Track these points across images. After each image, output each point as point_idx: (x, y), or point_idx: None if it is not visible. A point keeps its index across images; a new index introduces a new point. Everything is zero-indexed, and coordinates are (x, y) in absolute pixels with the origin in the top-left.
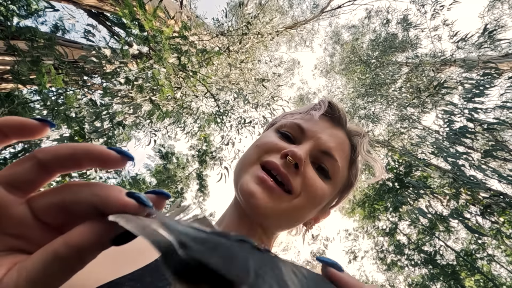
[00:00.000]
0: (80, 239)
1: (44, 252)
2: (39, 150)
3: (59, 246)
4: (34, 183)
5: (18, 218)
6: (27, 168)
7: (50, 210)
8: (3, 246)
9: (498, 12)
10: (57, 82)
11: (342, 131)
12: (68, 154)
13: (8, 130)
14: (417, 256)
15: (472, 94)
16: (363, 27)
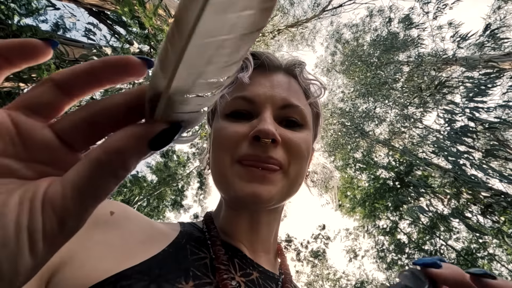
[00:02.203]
0: (118, 143)
1: (86, 162)
2: (55, 72)
3: (100, 153)
4: (54, 106)
5: (43, 142)
6: (44, 91)
7: (77, 127)
8: (34, 172)
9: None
10: None
11: (280, 73)
12: (85, 69)
13: (9, 53)
14: (417, 255)
15: (474, 93)
16: (364, 25)
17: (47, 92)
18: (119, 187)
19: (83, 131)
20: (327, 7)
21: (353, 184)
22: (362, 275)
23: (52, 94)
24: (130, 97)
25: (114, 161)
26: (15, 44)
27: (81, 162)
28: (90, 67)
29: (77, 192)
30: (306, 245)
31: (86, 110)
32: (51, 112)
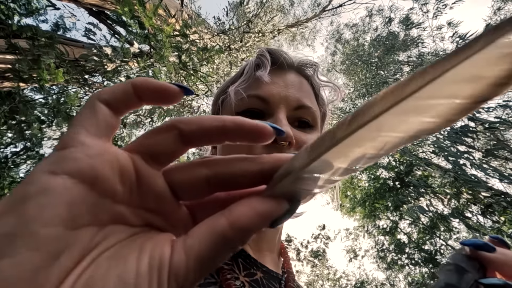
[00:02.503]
0: (245, 222)
1: (211, 233)
2: (180, 120)
3: (226, 228)
4: (173, 155)
5: (157, 192)
6: (168, 139)
7: (196, 184)
8: (140, 220)
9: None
10: (57, 77)
11: (293, 73)
12: (216, 128)
13: (144, 93)
14: (417, 255)
15: None
16: (364, 25)
17: (170, 141)
18: None
19: (200, 188)
20: (327, 7)
21: (353, 184)
22: (362, 275)
23: (174, 143)
24: (267, 168)
25: (239, 237)
26: (154, 86)
27: (203, 232)
28: (223, 127)
29: (200, 265)
30: (306, 245)
31: (210, 169)
32: (168, 161)
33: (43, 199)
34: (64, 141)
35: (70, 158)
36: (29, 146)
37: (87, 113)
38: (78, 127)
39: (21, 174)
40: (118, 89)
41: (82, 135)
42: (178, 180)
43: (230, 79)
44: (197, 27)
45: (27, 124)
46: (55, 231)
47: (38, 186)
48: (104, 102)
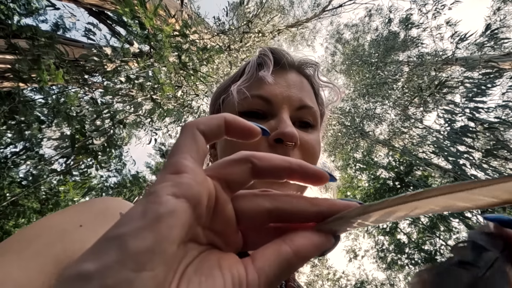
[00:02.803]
0: (307, 250)
1: (279, 259)
2: (253, 155)
3: (291, 255)
4: (242, 185)
5: (226, 217)
6: (243, 171)
7: (259, 214)
8: (206, 240)
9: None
10: (57, 78)
11: (294, 72)
12: (284, 168)
13: (233, 130)
14: (417, 255)
15: (474, 93)
16: (364, 26)
17: (245, 173)
18: (119, 188)
19: (260, 217)
20: (327, 7)
21: (353, 184)
22: (362, 275)
23: (247, 175)
24: (323, 211)
25: (300, 263)
26: (243, 125)
27: (271, 256)
28: (290, 168)
29: (268, 284)
30: None
31: (273, 204)
32: (238, 189)
33: (171, 220)
34: (176, 166)
35: (186, 184)
36: (28, 146)
37: (189, 140)
38: (184, 153)
39: (21, 174)
40: (213, 122)
41: (189, 161)
42: (244, 208)
43: (231, 78)
44: (197, 27)
45: (26, 124)
46: (176, 249)
47: (168, 208)
48: (201, 132)
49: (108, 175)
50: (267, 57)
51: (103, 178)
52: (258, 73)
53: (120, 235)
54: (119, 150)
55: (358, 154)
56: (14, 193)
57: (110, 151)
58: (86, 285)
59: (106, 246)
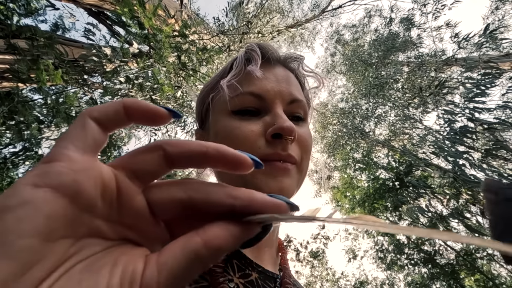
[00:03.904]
0: (220, 241)
1: (185, 251)
2: (166, 142)
3: (200, 247)
4: (155, 175)
5: (136, 209)
6: (153, 159)
7: (171, 205)
8: (116, 235)
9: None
10: (56, 78)
11: (281, 67)
12: (199, 153)
13: (133, 114)
14: (416, 256)
15: (473, 93)
16: (364, 26)
17: (155, 161)
18: None
19: (174, 209)
20: (326, 8)
21: (353, 184)
22: (361, 275)
23: (159, 164)
24: (238, 205)
25: (211, 257)
26: (143, 108)
27: (177, 249)
28: (205, 154)
29: (171, 281)
30: (306, 245)
31: (186, 193)
32: (150, 180)
33: (21, 211)
34: (51, 155)
35: (54, 172)
36: (28, 146)
37: (76, 129)
38: (66, 142)
39: (20, 174)
40: (109, 108)
41: (69, 150)
42: (154, 199)
43: (218, 75)
44: (197, 27)
45: (25, 124)
46: (30, 243)
47: (19, 199)
48: (94, 119)
49: None
50: (254, 52)
51: None
52: (247, 68)
53: None
54: (118, 151)
55: (358, 154)
56: None
57: (110, 151)
58: None
59: None
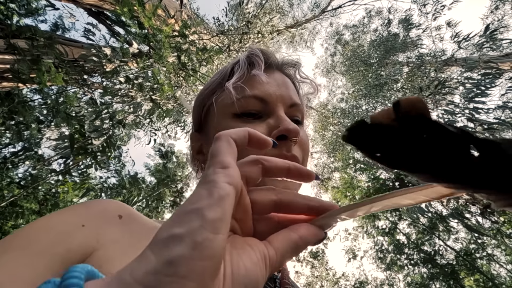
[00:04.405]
0: (309, 238)
1: (289, 242)
2: (262, 158)
3: (298, 239)
4: (256, 181)
5: (245, 206)
6: (257, 170)
7: (267, 204)
8: (230, 227)
9: (500, 13)
10: (57, 80)
11: (278, 71)
12: (284, 167)
13: (252, 142)
14: (416, 256)
15: (473, 94)
16: (364, 27)
17: (258, 171)
18: (118, 188)
19: (268, 207)
20: (326, 8)
21: (353, 184)
22: (361, 275)
23: (259, 173)
24: (314, 206)
25: (303, 246)
26: (260, 139)
27: (283, 239)
28: (288, 169)
29: (282, 259)
30: None
31: (278, 196)
32: (252, 184)
33: (229, 200)
34: (223, 163)
35: (233, 176)
36: (27, 146)
37: (226, 145)
38: (227, 154)
39: (20, 174)
40: (240, 134)
41: (231, 159)
42: (257, 199)
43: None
44: (196, 27)
45: (25, 125)
46: (232, 222)
47: (226, 192)
48: (233, 140)
49: (107, 176)
50: (258, 57)
51: (102, 179)
52: (251, 72)
53: (197, 208)
54: (118, 151)
55: (358, 155)
56: (13, 193)
57: (110, 151)
58: (180, 243)
59: (188, 217)
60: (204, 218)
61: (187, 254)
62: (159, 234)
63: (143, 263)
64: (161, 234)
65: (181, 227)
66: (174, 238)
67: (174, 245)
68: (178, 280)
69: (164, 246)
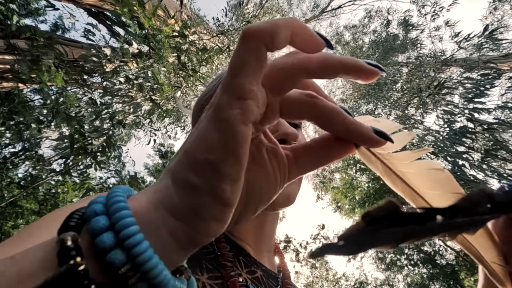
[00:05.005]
0: None
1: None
2: (309, 59)
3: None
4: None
5: (273, 122)
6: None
7: (300, 117)
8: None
9: (500, 13)
10: (57, 80)
11: None
12: (335, 66)
13: (298, 39)
14: (416, 256)
15: (473, 94)
16: (364, 27)
17: (296, 81)
18: None
19: (302, 117)
20: (326, 8)
21: (353, 185)
22: (361, 276)
23: (296, 83)
24: (353, 130)
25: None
26: (309, 35)
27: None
28: (341, 63)
29: (302, 174)
30: (305, 246)
31: (313, 117)
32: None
33: (246, 146)
34: (242, 91)
35: (252, 111)
36: (27, 147)
37: (254, 60)
38: (250, 78)
39: (20, 175)
40: (280, 34)
41: (254, 86)
42: (288, 117)
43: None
44: (196, 27)
45: (25, 125)
46: None
47: (244, 138)
48: (265, 46)
49: (107, 176)
50: None
51: (102, 179)
52: None
53: (211, 162)
54: (118, 151)
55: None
56: (13, 193)
57: (109, 151)
58: (198, 194)
59: (202, 168)
60: (221, 173)
61: (207, 204)
62: (179, 171)
63: (171, 201)
64: (180, 173)
65: (198, 177)
66: (191, 187)
67: (193, 194)
68: (200, 222)
69: (184, 190)
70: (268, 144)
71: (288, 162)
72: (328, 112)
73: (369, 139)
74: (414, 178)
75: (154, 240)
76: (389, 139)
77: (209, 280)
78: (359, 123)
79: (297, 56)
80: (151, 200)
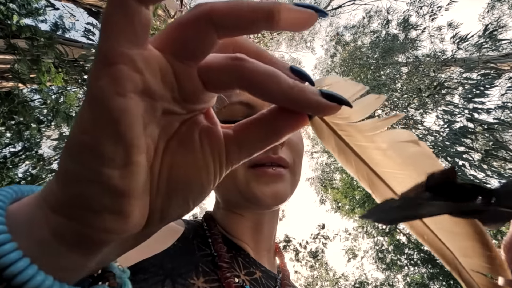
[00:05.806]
0: None
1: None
2: (212, 8)
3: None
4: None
5: (193, 89)
6: (202, 35)
7: (226, 88)
8: (184, 109)
9: (498, 13)
10: (57, 80)
11: None
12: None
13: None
14: (416, 256)
15: (473, 94)
16: (363, 27)
17: (204, 36)
18: None
19: (228, 90)
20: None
21: (353, 185)
22: (361, 275)
23: (209, 39)
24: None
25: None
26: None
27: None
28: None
29: (245, 157)
30: (305, 245)
31: (239, 85)
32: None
33: (132, 121)
34: (110, 55)
35: (126, 79)
36: (27, 146)
37: (121, 19)
38: (119, 38)
39: (20, 174)
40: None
41: (125, 48)
42: (209, 86)
43: None
44: None
45: (25, 125)
46: (143, 141)
47: (124, 107)
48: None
49: None
50: None
51: None
52: None
53: (87, 143)
54: None
55: None
56: None
57: None
58: (76, 182)
59: (79, 152)
60: (102, 156)
61: (94, 193)
62: (60, 160)
63: (53, 195)
64: (60, 162)
65: (76, 163)
66: (70, 175)
67: (72, 183)
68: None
69: (63, 179)
70: (204, 124)
71: (227, 143)
72: (259, 77)
73: (316, 105)
74: (378, 154)
75: (28, 243)
76: (344, 103)
77: (205, 283)
78: (301, 86)
79: (199, 8)
80: (37, 198)
